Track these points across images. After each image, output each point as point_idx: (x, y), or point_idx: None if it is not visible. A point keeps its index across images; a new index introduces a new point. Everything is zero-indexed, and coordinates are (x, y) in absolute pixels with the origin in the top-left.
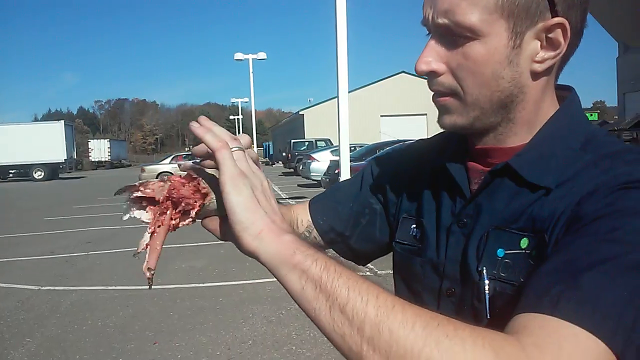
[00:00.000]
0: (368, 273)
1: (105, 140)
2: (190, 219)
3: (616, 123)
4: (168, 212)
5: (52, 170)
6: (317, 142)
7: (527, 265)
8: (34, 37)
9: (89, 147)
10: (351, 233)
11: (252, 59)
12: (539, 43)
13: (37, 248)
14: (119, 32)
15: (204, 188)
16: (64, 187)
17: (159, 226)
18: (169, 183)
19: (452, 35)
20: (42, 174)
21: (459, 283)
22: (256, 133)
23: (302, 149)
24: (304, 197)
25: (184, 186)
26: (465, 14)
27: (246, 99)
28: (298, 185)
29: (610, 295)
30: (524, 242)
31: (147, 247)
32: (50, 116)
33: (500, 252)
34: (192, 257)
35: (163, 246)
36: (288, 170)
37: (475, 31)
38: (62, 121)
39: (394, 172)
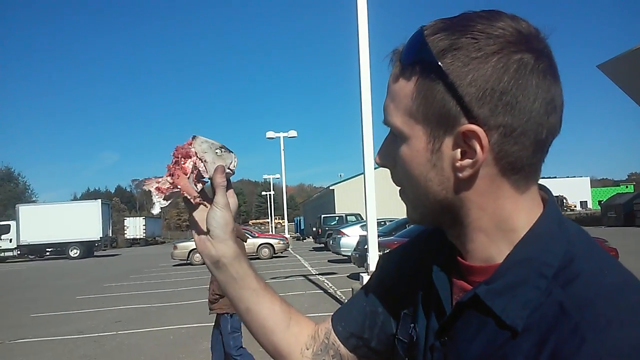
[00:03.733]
0: None
1: (141, 218)
2: (206, 180)
3: None
4: (183, 162)
5: (88, 248)
6: (347, 217)
7: None
8: (74, 117)
9: (125, 224)
10: (370, 335)
11: (284, 136)
12: (459, 150)
13: (66, 328)
14: (155, 111)
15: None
16: (98, 265)
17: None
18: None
19: (394, 134)
20: (78, 251)
21: None
22: (287, 208)
23: (332, 223)
24: (335, 273)
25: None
26: (393, 115)
27: (278, 175)
28: (328, 261)
29: None
30: None
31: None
32: (88, 195)
33: None
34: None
35: (189, 325)
36: (319, 245)
37: (400, 133)
38: (99, 200)
39: (398, 267)
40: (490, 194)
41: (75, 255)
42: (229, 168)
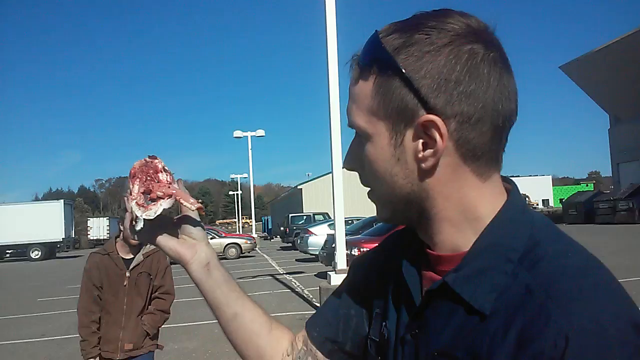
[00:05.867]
0: None
1: (105, 219)
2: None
3: (612, 193)
4: (155, 177)
5: (50, 250)
6: (315, 216)
7: None
8: (36, 116)
9: (88, 225)
10: (344, 339)
11: (251, 136)
12: (420, 141)
13: (28, 330)
14: (119, 111)
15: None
16: (59, 267)
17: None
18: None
19: (359, 136)
20: (39, 253)
21: None
22: (255, 207)
23: (299, 223)
24: (302, 272)
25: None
26: (356, 116)
27: (245, 175)
28: (296, 260)
29: None
30: None
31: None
32: (51, 195)
33: None
34: (185, 338)
35: None
36: (286, 244)
37: (364, 133)
38: (62, 200)
39: (369, 268)
40: (453, 182)
41: (37, 256)
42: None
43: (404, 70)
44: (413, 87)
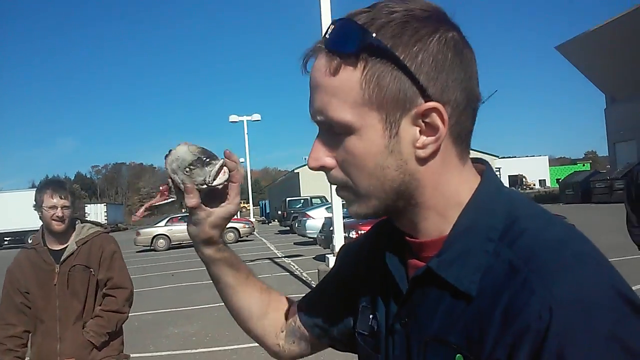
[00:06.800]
0: None
1: (102, 205)
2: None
3: (608, 172)
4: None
5: None
6: (312, 200)
7: None
8: (30, 103)
9: (85, 212)
10: (331, 327)
11: (247, 120)
12: (417, 129)
13: None
14: (114, 97)
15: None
16: None
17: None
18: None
19: (333, 131)
20: None
21: None
22: (252, 192)
23: (297, 206)
24: (301, 255)
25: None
26: (337, 110)
27: (242, 159)
28: (294, 244)
29: None
30: (459, 359)
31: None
32: None
33: None
34: (185, 322)
35: (154, 311)
36: (284, 228)
37: (349, 127)
38: None
39: (353, 260)
40: (442, 168)
41: None
42: (205, 183)
43: (401, 58)
44: (412, 75)
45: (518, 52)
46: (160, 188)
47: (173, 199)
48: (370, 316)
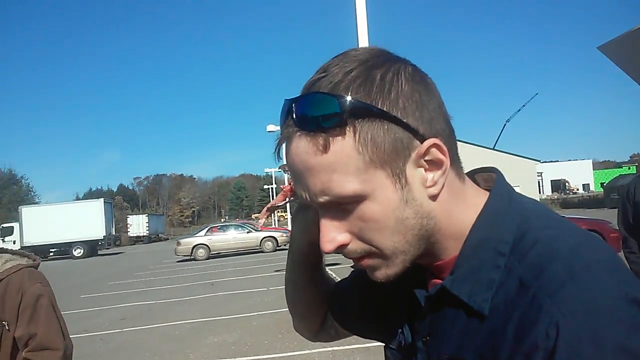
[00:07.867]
0: None
1: (144, 216)
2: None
3: None
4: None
5: (91, 247)
6: None
7: None
8: (74, 116)
9: (128, 222)
10: (358, 324)
11: None
12: (422, 169)
13: (72, 327)
14: (155, 110)
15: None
16: (102, 264)
17: None
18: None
19: (340, 206)
20: (82, 251)
21: None
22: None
23: None
24: (338, 264)
25: None
26: (343, 185)
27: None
28: None
29: None
30: None
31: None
32: (91, 194)
33: None
34: (224, 331)
35: (194, 320)
36: None
37: (359, 195)
38: (102, 199)
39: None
40: (449, 195)
41: (79, 254)
42: None
43: (386, 110)
44: (402, 122)
45: (559, 54)
46: (282, 188)
47: (293, 199)
48: (399, 330)
